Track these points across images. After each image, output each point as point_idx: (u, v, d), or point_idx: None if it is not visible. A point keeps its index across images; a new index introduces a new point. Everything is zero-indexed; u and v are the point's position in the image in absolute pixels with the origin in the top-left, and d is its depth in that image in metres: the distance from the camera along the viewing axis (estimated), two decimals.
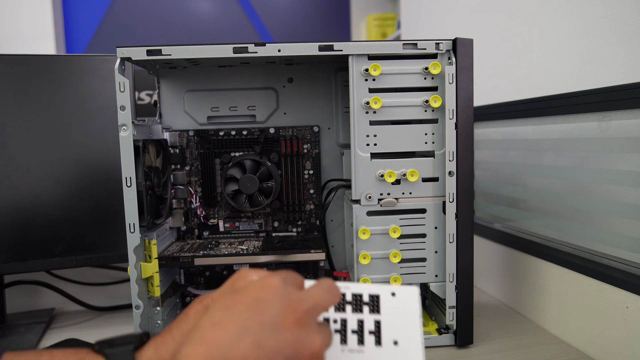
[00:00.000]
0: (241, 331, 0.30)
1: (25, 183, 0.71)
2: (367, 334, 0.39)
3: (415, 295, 0.41)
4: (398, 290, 0.41)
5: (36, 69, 0.72)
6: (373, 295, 0.40)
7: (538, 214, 0.73)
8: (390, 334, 0.40)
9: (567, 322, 0.65)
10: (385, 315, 0.40)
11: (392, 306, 0.40)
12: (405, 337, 0.40)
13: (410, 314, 0.41)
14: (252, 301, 0.32)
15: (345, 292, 0.40)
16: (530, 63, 0.77)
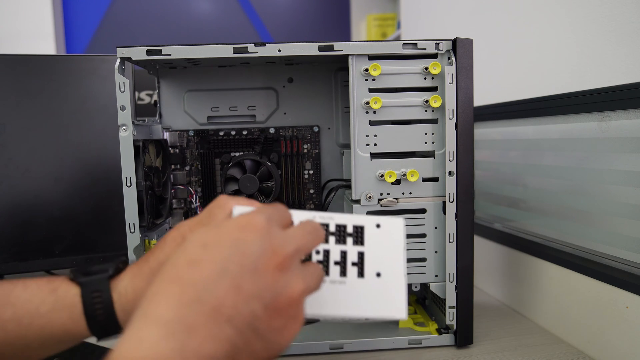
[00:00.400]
0: (219, 272, 0.28)
1: (25, 183, 0.71)
2: (350, 265, 0.39)
3: (400, 227, 0.40)
4: (383, 221, 0.40)
5: (36, 69, 0.72)
6: (357, 226, 0.40)
7: (538, 214, 0.73)
8: (373, 266, 0.39)
9: (567, 322, 0.65)
10: (369, 246, 0.39)
11: (376, 238, 0.40)
12: (388, 268, 0.39)
13: (394, 245, 0.40)
14: (233, 241, 0.30)
15: (329, 222, 0.39)
16: (530, 63, 0.77)
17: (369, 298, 0.39)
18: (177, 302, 0.27)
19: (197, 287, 0.28)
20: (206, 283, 0.28)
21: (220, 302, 0.28)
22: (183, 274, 0.29)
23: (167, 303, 0.27)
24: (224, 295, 0.28)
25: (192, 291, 0.28)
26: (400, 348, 0.63)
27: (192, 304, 0.27)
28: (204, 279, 0.28)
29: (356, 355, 0.62)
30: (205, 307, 0.27)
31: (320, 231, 0.35)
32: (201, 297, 0.27)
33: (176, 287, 0.28)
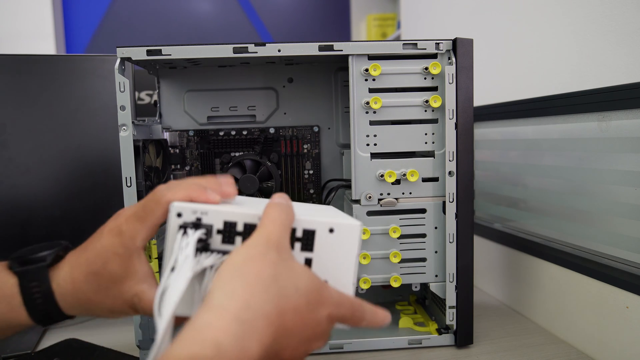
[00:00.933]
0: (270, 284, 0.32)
1: (25, 183, 0.71)
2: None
3: (356, 231, 0.37)
4: (338, 226, 0.37)
5: (36, 69, 0.72)
6: (308, 230, 0.37)
7: (538, 214, 0.73)
8: (321, 273, 0.37)
9: (568, 322, 0.65)
10: (318, 253, 0.37)
11: (327, 243, 0.37)
12: (336, 277, 0.37)
13: (346, 252, 0.37)
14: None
15: None
16: (530, 63, 0.77)
17: None
18: (240, 301, 0.31)
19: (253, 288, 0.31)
20: (260, 309, 0.31)
21: (270, 314, 0.32)
22: (242, 293, 0.31)
23: (232, 296, 0.31)
24: (266, 326, 0.31)
25: (246, 312, 0.31)
26: (400, 348, 0.63)
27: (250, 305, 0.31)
28: (258, 305, 0.31)
29: (356, 355, 0.62)
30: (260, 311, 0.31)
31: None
32: (253, 322, 0.30)
33: (239, 280, 0.32)
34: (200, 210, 0.37)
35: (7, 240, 0.71)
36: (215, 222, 0.37)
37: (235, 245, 0.37)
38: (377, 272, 0.63)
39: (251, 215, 0.37)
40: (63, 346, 0.63)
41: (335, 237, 0.37)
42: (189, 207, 0.37)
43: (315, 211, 0.44)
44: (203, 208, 0.37)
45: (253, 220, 0.37)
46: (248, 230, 0.37)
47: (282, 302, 0.32)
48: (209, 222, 0.37)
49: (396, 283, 0.62)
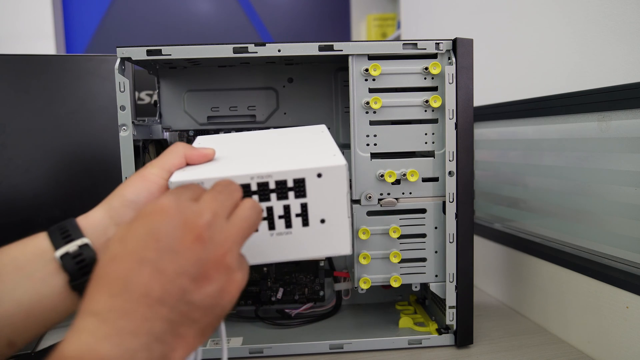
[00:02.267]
0: (138, 261, 0.30)
1: (25, 183, 0.71)
2: (294, 217, 0.39)
3: (342, 172, 0.39)
4: (324, 170, 0.39)
5: (36, 69, 0.72)
6: (298, 179, 0.39)
7: (538, 214, 0.73)
8: (317, 214, 0.40)
9: (567, 322, 0.65)
10: (311, 197, 0.39)
11: (318, 187, 0.39)
12: (332, 213, 0.40)
13: (337, 191, 0.40)
14: (146, 229, 0.31)
15: (268, 180, 0.39)
16: (530, 63, 0.77)
17: (314, 241, 0.40)
18: (107, 295, 0.29)
19: (121, 279, 0.30)
20: (128, 274, 0.30)
21: (146, 288, 0.29)
22: (107, 270, 0.30)
23: (98, 297, 0.29)
24: (148, 281, 0.29)
25: (117, 284, 0.29)
26: (400, 348, 0.63)
27: (121, 294, 0.29)
28: (125, 271, 0.30)
29: (356, 355, 0.62)
30: (133, 294, 0.29)
31: (232, 185, 0.36)
32: (127, 287, 0.29)
33: (103, 282, 0.30)
34: (197, 181, 0.39)
35: (7, 241, 0.70)
36: None
37: None
38: (377, 272, 0.63)
39: (243, 176, 0.39)
40: None
41: (324, 180, 0.39)
42: (185, 180, 0.39)
43: (299, 147, 0.45)
44: (198, 178, 0.39)
45: (246, 181, 0.39)
46: (244, 190, 0.39)
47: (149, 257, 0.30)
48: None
49: (396, 283, 0.62)
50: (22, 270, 0.36)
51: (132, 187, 0.40)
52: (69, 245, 0.37)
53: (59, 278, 0.36)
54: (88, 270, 0.36)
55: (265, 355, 0.63)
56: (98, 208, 0.40)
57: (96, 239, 0.38)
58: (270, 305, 0.74)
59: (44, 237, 0.38)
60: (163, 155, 0.42)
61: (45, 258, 0.36)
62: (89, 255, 0.37)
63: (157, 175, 0.40)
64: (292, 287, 0.73)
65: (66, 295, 0.36)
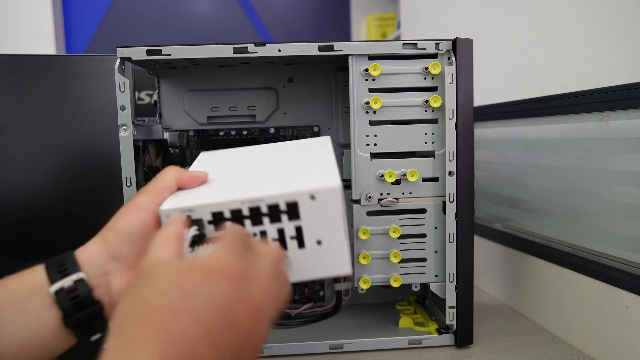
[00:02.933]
0: (201, 327, 0.28)
1: (25, 183, 0.71)
2: (289, 239, 0.38)
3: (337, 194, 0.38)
4: (318, 192, 0.37)
5: (36, 69, 0.72)
6: (290, 203, 0.37)
7: (538, 214, 0.73)
8: (313, 236, 0.38)
9: (567, 322, 0.65)
10: (305, 219, 0.38)
11: (312, 209, 0.38)
12: (328, 235, 0.38)
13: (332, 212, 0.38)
14: (210, 290, 0.30)
15: (260, 205, 0.37)
16: (530, 63, 0.77)
17: (312, 263, 0.39)
18: (160, 355, 0.26)
19: (179, 341, 0.27)
20: (187, 338, 0.27)
21: (198, 358, 0.27)
22: (164, 323, 0.28)
23: (145, 348, 0.27)
24: (202, 352, 0.27)
25: (174, 346, 0.27)
26: (400, 348, 0.63)
27: (175, 358, 0.27)
28: (184, 333, 0.27)
29: (356, 355, 0.62)
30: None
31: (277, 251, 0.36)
32: (184, 354, 0.27)
33: (158, 337, 0.27)
34: (187, 208, 0.38)
35: (7, 241, 0.71)
36: (203, 215, 0.38)
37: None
38: (377, 272, 0.63)
39: (234, 201, 0.38)
40: None
41: (318, 203, 0.38)
42: (176, 207, 0.38)
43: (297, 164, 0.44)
44: (189, 206, 0.38)
45: (237, 206, 0.38)
46: (235, 216, 0.38)
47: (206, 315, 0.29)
48: (198, 217, 0.38)
49: (396, 283, 0.62)
50: (17, 305, 0.35)
51: (126, 218, 0.38)
52: (64, 280, 0.36)
53: (53, 314, 0.35)
54: (82, 307, 0.36)
55: (265, 355, 0.63)
56: (94, 241, 0.39)
57: (93, 274, 0.37)
58: None
59: (41, 270, 0.37)
60: (154, 181, 0.40)
61: (41, 293, 0.35)
62: (83, 291, 0.36)
63: (149, 201, 0.38)
64: (292, 287, 0.73)
65: (60, 332, 0.36)
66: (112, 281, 0.38)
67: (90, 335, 0.37)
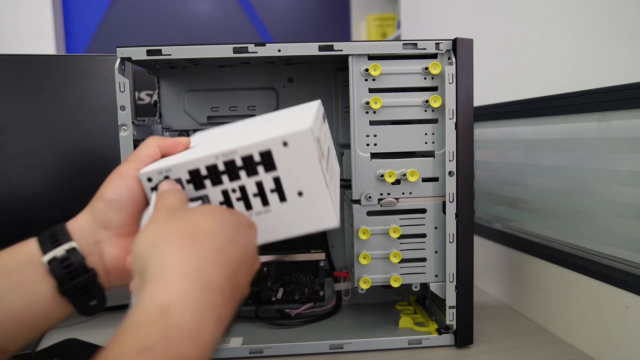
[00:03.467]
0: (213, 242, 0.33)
1: (25, 183, 0.71)
2: (269, 192, 0.38)
3: (308, 136, 0.36)
4: (289, 137, 0.36)
5: (36, 69, 0.72)
6: (263, 152, 0.37)
7: (538, 214, 0.73)
8: (293, 186, 0.38)
9: (567, 322, 0.65)
10: (282, 169, 0.37)
11: (287, 157, 0.37)
12: (308, 184, 0.37)
13: (308, 158, 0.37)
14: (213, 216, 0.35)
15: (234, 158, 0.37)
16: (530, 63, 0.77)
17: (297, 217, 0.38)
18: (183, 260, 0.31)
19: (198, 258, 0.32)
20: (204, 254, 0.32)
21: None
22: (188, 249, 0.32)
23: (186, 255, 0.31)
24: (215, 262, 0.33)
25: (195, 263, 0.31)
26: (400, 348, 0.63)
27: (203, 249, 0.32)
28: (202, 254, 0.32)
29: (356, 355, 0.62)
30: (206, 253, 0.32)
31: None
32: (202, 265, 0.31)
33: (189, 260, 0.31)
34: (164, 168, 0.39)
35: (7, 241, 0.70)
36: (182, 174, 0.39)
37: (207, 189, 0.39)
38: (377, 272, 0.63)
39: (208, 157, 0.38)
40: (63, 346, 0.62)
41: (292, 149, 0.37)
42: (154, 169, 0.39)
43: (277, 122, 0.44)
44: (166, 166, 0.39)
45: (212, 161, 0.38)
46: (212, 173, 0.38)
47: (215, 240, 0.33)
48: (177, 176, 0.39)
49: (396, 283, 0.62)
50: (11, 277, 0.35)
51: (111, 187, 0.40)
52: (56, 250, 0.37)
53: (47, 283, 0.36)
54: (76, 275, 0.36)
55: (265, 355, 0.63)
56: (84, 212, 0.40)
57: (84, 243, 0.38)
58: (270, 305, 0.74)
59: (34, 242, 0.38)
60: (137, 149, 0.42)
61: (35, 264, 0.36)
62: (76, 259, 0.37)
63: (133, 169, 0.40)
64: (292, 287, 0.73)
65: (56, 300, 0.36)
66: (104, 249, 0.39)
67: (86, 302, 0.38)
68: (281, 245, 0.69)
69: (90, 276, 0.37)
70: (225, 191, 0.39)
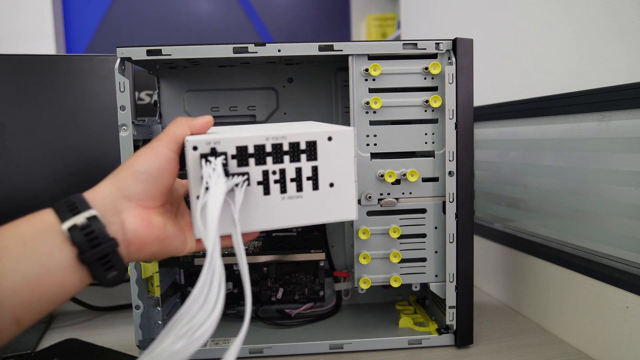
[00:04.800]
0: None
1: (25, 183, 0.71)
2: (305, 180, 0.41)
3: (350, 136, 0.42)
4: (334, 134, 0.42)
5: (36, 69, 0.72)
6: (310, 142, 0.41)
7: (538, 214, 0.73)
8: (327, 177, 0.42)
9: (567, 322, 0.65)
10: (321, 160, 0.42)
11: (328, 150, 0.42)
12: (340, 177, 0.42)
13: (345, 155, 0.42)
14: None
15: (282, 142, 0.41)
16: (531, 63, 0.77)
17: (323, 206, 0.42)
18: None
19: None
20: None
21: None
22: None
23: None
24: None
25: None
26: (400, 348, 0.64)
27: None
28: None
29: (356, 355, 0.62)
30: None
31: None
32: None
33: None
34: (213, 140, 0.40)
35: None
36: (228, 149, 0.41)
37: (249, 167, 0.41)
38: (377, 272, 0.63)
39: (259, 137, 0.41)
40: (63, 346, 0.63)
41: (334, 144, 0.42)
42: (202, 139, 0.40)
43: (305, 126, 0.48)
44: (215, 138, 0.40)
45: (261, 141, 0.41)
46: (258, 152, 0.41)
47: None
48: (223, 150, 0.41)
49: (396, 283, 0.62)
50: (27, 245, 0.34)
51: (141, 159, 0.40)
52: (76, 218, 0.36)
53: (66, 251, 0.35)
54: (97, 243, 0.36)
55: (265, 355, 0.63)
56: (106, 181, 0.40)
57: (105, 212, 0.37)
58: (270, 305, 0.74)
59: (50, 211, 0.37)
60: (168, 128, 0.42)
61: (52, 231, 0.35)
62: (97, 227, 0.36)
63: (164, 147, 0.41)
64: (292, 287, 0.73)
65: (74, 269, 0.35)
66: (125, 219, 0.38)
67: (106, 273, 0.37)
68: (281, 245, 0.69)
69: (111, 245, 0.36)
70: (266, 172, 0.41)
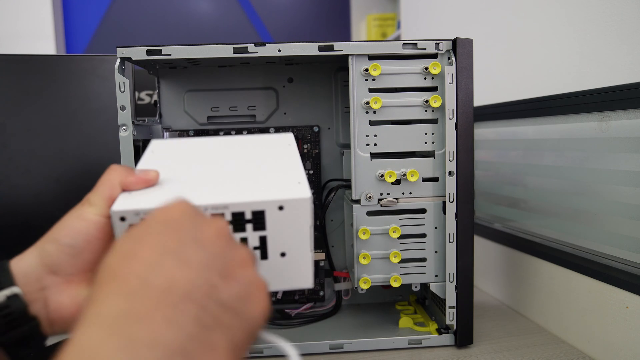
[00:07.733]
0: (160, 253, 0.26)
1: (25, 183, 0.71)
2: (252, 249, 0.36)
3: (307, 206, 0.36)
4: (287, 203, 0.35)
5: (36, 69, 0.72)
6: (257, 212, 0.35)
7: (538, 214, 0.73)
8: (277, 247, 0.36)
9: (567, 322, 0.65)
10: (271, 230, 0.36)
11: (279, 219, 0.36)
12: (293, 247, 0.36)
13: (299, 224, 0.36)
14: (164, 222, 0.28)
15: (224, 212, 0.35)
16: (531, 63, 0.77)
17: (274, 275, 0.37)
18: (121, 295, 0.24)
19: (140, 273, 0.25)
20: (148, 267, 0.25)
21: (170, 281, 0.25)
22: (120, 270, 0.25)
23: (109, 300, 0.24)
24: (172, 273, 0.25)
25: (134, 279, 0.25)
26: (400, 348, 0.63)
27: (138, 291, 0.24)
28: (145, 264, 0.25)
29: (356, 355, 0.62)
30: (153, 290, 0.24)
31: None
32: (147, 282, 0.24)
33: (115, 283, 0.25)
34: (143, 211, 0.35)
35: (7, 241, 0.71)
36: None
37: None
38: (377, 272, 0.63)
39: (197, 207, 0.36)
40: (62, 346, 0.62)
41: (286, 213, 0.36)
42: (130, 210, 0.35)
43: (262, 165, 0.42)
44: (146, 208, 0.35)
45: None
46: None
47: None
48: None
49: (396, 283, 0.62)
50: None
51: (67, 230, 0.36)
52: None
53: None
54: (16, 325, 0.32)
55: (265, 355, 0.63)
56: (31, 252, 0.36)
57: (29, 289, 0.34)
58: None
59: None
60: (97, 187, 0.37)
61: None
62: (17, 307, 0.32)
63: (94, 213, 0.36)
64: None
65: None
66: (50, 296, 0.34)
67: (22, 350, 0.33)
68: None
69: (31, 326, 0.33)
70: None
